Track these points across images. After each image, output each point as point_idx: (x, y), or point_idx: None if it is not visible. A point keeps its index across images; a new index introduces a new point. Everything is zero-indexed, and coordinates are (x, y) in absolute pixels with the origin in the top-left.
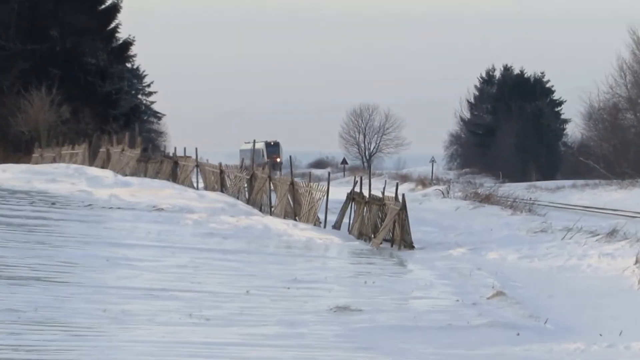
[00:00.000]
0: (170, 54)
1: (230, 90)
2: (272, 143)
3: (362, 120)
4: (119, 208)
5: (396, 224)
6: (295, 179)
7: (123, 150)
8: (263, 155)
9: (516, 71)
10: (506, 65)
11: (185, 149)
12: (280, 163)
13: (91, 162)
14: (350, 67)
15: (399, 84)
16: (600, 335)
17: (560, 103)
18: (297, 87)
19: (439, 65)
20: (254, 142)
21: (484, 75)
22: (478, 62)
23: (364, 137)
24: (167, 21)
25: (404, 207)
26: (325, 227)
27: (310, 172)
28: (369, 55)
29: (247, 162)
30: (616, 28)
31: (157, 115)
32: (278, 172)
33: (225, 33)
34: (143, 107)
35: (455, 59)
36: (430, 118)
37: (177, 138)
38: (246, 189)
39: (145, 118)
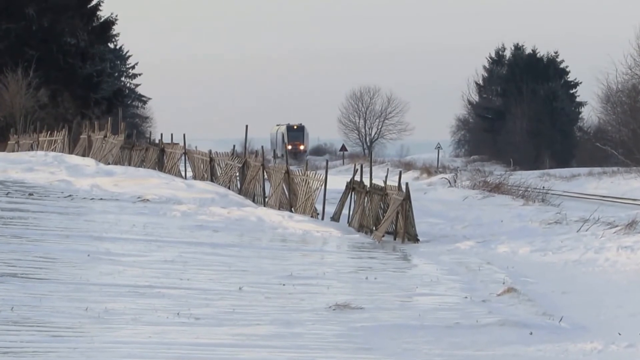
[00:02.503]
0: (159, 32)
1: (222, 74)
2: (295, 127)
3: (362, 104)
4: (101, 199)
5: (399, 216)
6: (291, 167)
7: (105, 136)
8: (284, 141)
9: (528, 51)
10: (517, 44)
11: (172, 135)
12: (304, 152)
13: (71, 149)
14: (350, 50)
15: (402, 65)
16: (619, 334)
17: (576, 85)
18: (294, 69)
19: (445, 45)
20: (278, 126)
21: (493, 55)
22: (487, 43)
23: (365, 122)
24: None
25: (407, 197)
26: (323, 218)
27: (307, 160)
28: (369, 38)
29: (277, 149)
30: (635, 3)
31: (142, 99)
32: (299, 165)
33: (218, 17)
34: (127, 91)
35: (463, 40)
36: (436, 102)
37: (164, 124)
38: (238, 178)
39: (129, 102)
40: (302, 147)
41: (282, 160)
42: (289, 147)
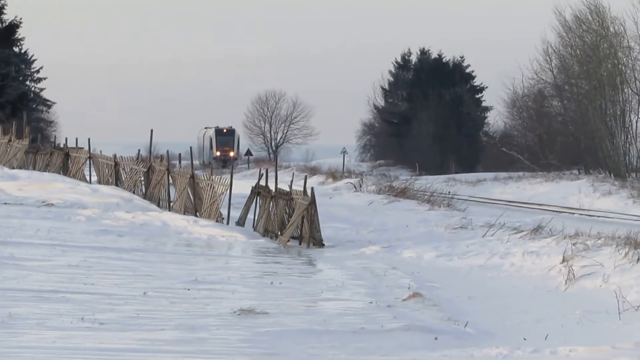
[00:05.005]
0: (65, 37)
1: (128, 79)
2: (224, 130)
3: (267, 109)
4: (5, 203)
5: (305, 220)
6: (196, 172)
7: (10, 141)
8: (212, 147)
9: (434, 55)
10: (423, 49)
11: (77, 139)
12: (235, 159)
13: None
14: (255, 55)
15: (307, 70)
16: (525, 339)
17: (482, 89)
18: (202, 74)
19: (351, 50)
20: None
21: (399, 60)
22: (393, 48)
23: (270, 126)
24: (63, 3)
25: (313, 202)
26: (228, 223)
27: (212, 164)
28: (274, 43)
29: (204, 155)
30: (541, 9)
31: (47, 104)
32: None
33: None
34: (32, 95)
35: (369, 44)
36: (342, 106)
37: (70, 128)
38: (143, 182)
39: (34, 106)
40: (232, 154)
41: (214, 169)
42: (218, 153)
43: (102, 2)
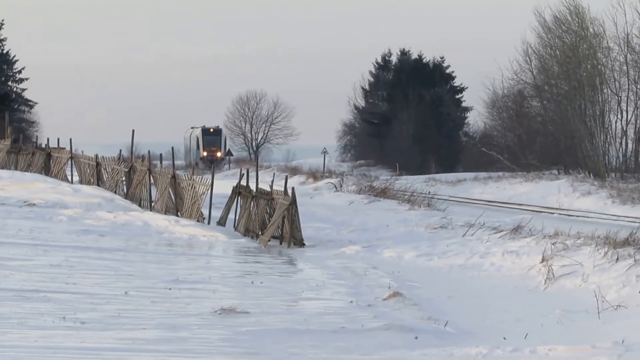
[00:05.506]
0: (47, 37)
1: (109, 79)
2: (211, 130)
3: (248, 109)
4: None
5: (285, 220)
6: (177, 172)
7: None
8: (199, 147)
9: (414, 56)
10: (403, 49)
11: (58, 139)
12: (222, 159)
13: None
14: (237, 55)
15: (288, 70)
16: (504, 338)
17: (462, 90)
18: (182, 75)
19: (331, 51)
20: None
21: (379, 60)
22: (374, 48)
23: (251, 126)
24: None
25: (293, 202)
26: (209, 223)
27: (186, 164)
28: (256, 43)
29: (191, 156)
30: (521, 9)
31: (29, 104)
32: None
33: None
34: (13, 95)
35: (350, 45)
36: (322, 107)
37: (52, 128)
38: (124, 182)
39: (15, 107)
40: (219, 154)
41: (200, 170)
42: (205, 153)
43: (84, 2)
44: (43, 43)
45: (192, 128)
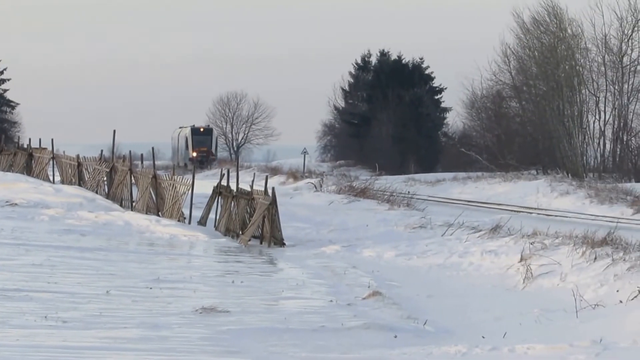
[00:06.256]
0: (28, 38)
1: (90, 80)
2: (201, 129)
3: (229, 109)
4: None
5: (266, 220)
6: (158, 172)
7: None
8: (188, 147)
9: (393, 57)
10: (383, 50)
11: (40, 140)
12: (213, 160)
13: None
14: (217, 55)
15: (268, 71)
16: (483, 337)
17: (441, 90)
18: (163, 76)
19: (311, 51)
20: (180, 128)
21: (359, 61)
22: (353, 49)
23: (232, 127)
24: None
25: (273, 202)
26: (190, 223)
27: (174, 165)
28: (236, 43)
29: (179, 156)
30: (500, 11)
31: (11, 104)
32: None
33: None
34: None
35: (330, 46)
36: (302, 107)
37: (34, 129)
38: (106, 182)
39: None
40: (209, 155)
41: (189, 171)
42: (194, 153)
43: (65, 2)
44: (24, 44)
45: (180, 128)
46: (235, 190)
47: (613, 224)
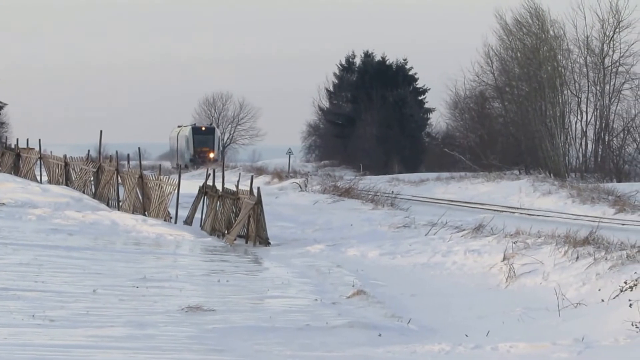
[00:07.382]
0: (16, 38)
1: (78, 80)
2: (203, 129)
3: (215, 110)
4: None
5: (251, 219)
6: (145, 172)
7: None
8: (188, 147)
9: (377, 58)
10: (367, 51)
11: (27, 140)
12: (215, 160)
13: None
14: (202, 56)
15: (254, 71)
16: (466, 335)
17: (424, 91)
18: (150, 76)
19: (296, 52)
20: (180, 127)
21: (343, 62)
22: (338, 50)
23: (217, 127)
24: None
25: (259, 202)
26: (176, 222)
27: (160, 165)
28: (221, 44)
29: (179, 157)
30: (483, 12)
31: None
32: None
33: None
34: None
35: (314, 46)
36: (287, 108)
37: (22, 129)
38: (92, 182)
39: None
40: (212, 155)
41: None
42: (196, 153)
43: (51, 2)
44: (11, 44)
45: (179, 127)
46: (221, 190)
47: (595, 223)
